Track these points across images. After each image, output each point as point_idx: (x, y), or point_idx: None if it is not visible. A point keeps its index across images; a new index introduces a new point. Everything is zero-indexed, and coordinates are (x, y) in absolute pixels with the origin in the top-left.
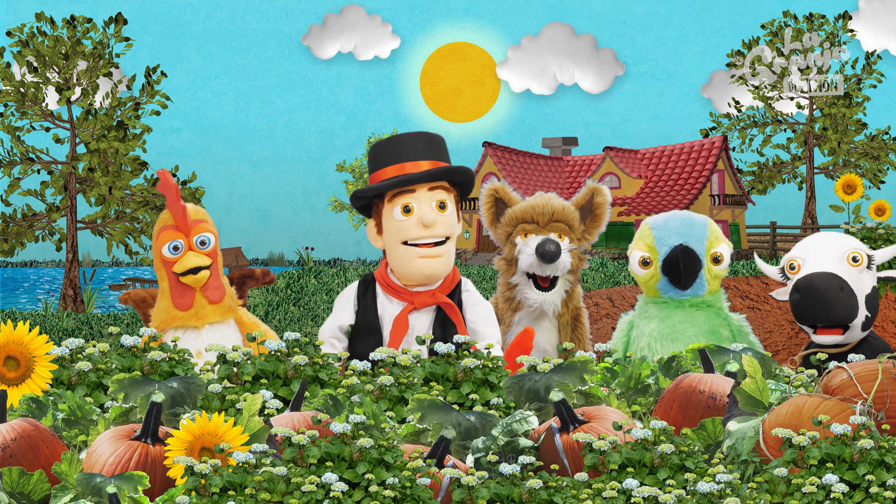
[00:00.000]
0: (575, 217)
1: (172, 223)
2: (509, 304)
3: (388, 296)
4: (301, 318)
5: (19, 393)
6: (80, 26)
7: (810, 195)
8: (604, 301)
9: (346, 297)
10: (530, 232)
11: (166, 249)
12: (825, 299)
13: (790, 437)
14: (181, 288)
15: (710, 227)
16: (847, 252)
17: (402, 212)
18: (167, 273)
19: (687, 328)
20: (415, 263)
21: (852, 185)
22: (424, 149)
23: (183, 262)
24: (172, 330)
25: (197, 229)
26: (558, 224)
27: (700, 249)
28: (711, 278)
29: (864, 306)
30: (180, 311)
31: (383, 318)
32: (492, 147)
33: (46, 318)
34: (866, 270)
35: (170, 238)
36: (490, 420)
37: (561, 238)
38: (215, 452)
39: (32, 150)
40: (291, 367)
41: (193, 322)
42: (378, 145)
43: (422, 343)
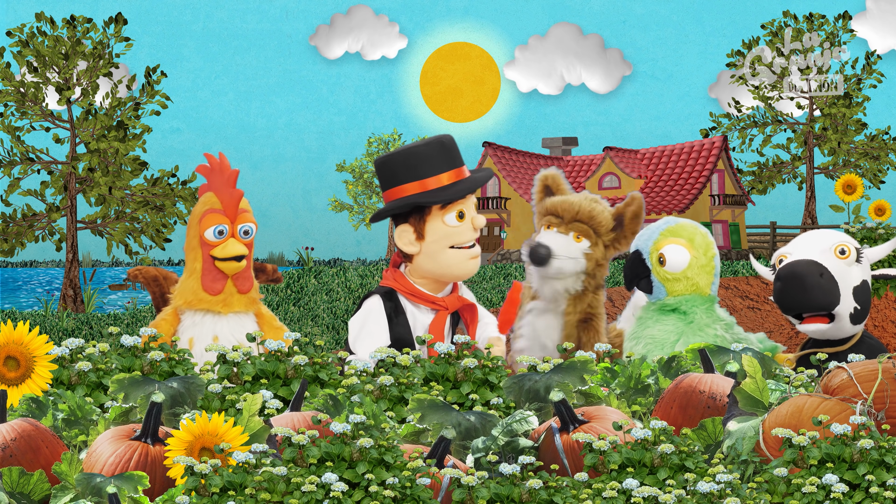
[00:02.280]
0: (601, 222)
1: (219, 207)
2: (529, 290)
3: (416, 305)
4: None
5: (19, 393)
6: (80, 26)
7: (810, 195)
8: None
9: (376, 316)
10: (553, 225)
11: (211, 232)
12: (804, 284)
13: (790, 437)
14: (214, 272)
15: (669, 228)
16: (834, 245)
17: (458, 217)
18: (203, 255)
19: (641, 329)
20: (466, 265)
21: (852, 185)
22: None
23: (227, 247)
24: (197, 312)
25: (242, 218)
26: (580, 225)
27: (646, 251)
28: (664, 280)
29: (852, 297)
30: (209, 294)
31: (415, 329)
32: (492, 147)
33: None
34: (856, 264)
35: (216, 221)
36: (490, 420)
37: (579, 239)
38: (215, 452)
39: (32, 150)
40: (291, 367)
41: (219, 307)
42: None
43: (422, 343)
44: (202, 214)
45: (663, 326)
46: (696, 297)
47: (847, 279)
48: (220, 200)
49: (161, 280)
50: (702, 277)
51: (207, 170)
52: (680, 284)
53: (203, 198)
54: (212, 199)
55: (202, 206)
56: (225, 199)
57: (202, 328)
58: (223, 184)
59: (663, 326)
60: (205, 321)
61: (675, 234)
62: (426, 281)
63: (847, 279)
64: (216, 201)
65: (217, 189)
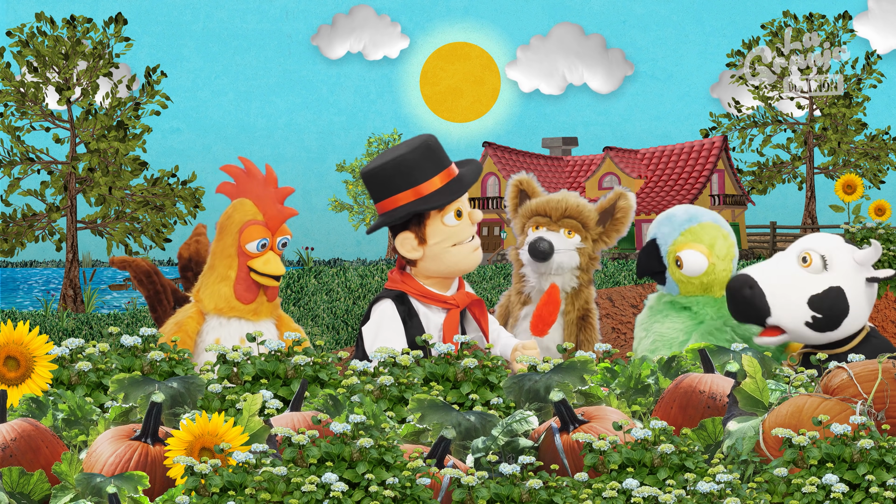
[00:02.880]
0: (590, 217)
1: (262, 219)
2: (519, 297)
3: (427, 306)
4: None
5: (19, 393)
6: (80, 26)
7: (810, 195)
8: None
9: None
10: (542, 225)
11: (254, 245)
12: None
13: (790, 437)
14: (248, 282)
15: (692, 229)
16: (800, 251)
17: (456, 216)
18: (240, 263)
19: (651, 323)
20: (470, 258)
21: (852, 185)
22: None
23: (269, 264)
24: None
25: (281, 230)
26: (570, 220)
27: (664, 247)
28: (678, 281)
29: (807, 306)
30: (242, 303)
31: (429, 330)
32: (492, 147)
33: (46, 318)
34: (824, 272)
35: (260, 235)
36: (490, 420)
37: (570, 235)
38: (215, 452)
39: (32, 150)
40: (291, 367)
41: (250, 316)
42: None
43: (423, 343)
44: (244, 224)
45: (673, 324)
46: (709, 299)
47: (800, 287)
48: (263, 212)
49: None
50: (717, 283)
51: (242, 174)
52: (693, 287)
53: (240, 205)
54: (252, 208)
55: (243, 215)
56: (272, 214)
57: (229, 329)
58: (272, 198)
59: (673, 324)
60: (231, 324)
61: (697, 239)
62: (433, 281)
63: (800, 287)
64: (257, 212)
65: (260, 200)
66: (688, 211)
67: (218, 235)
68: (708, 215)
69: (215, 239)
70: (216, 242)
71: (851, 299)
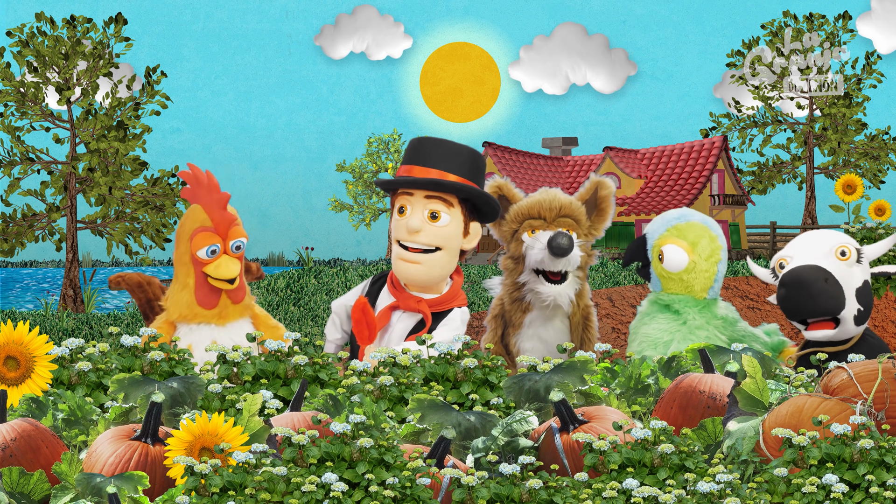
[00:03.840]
0: (582, 212)
1: (210, 225)
2: (518, 304)
3: (387, 290)
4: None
5: (19, 393)
6: (80, 26)
7: (810, 195)
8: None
9: (363, 283)
10: (537, 228)
11: (204, 252)
12: (810, 291)
13: (790, 437)
14: (207, 287)
15: (678, 226)
16: (835, 246)
17: (398, 212)
18: (196, 271)
19: (640, 326)
20: (397, 263)
21: (852, 185)
22: (443, 158)
23: (220, 268)
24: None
25: (232, 233)
26: (566, 219)
27: (651, 241)
28: (660, 276)
29: (855, 299)
30: (204, 308)
31: (377, 308)
32: (492, 147)
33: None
34: (857, 265)
35: (208, 242)
36: (490, 420)
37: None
38: (215, 452)
39: (32, 150)
40: (291, 367)
41: (216, 320)
42: (411, 142)
43: (422, 343)
44: (193, 232)
45: (657, 325)
46: (690, 299)
47: (849, 281)
48: (212, 219)
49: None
50: (698, 282)
51: (193, 180)
52: (674, 284)
53: (191, 212)
54: (202, 215)
55: (192, 223)
56: (216, 219)
57: (199, 335)
58: (214, 204)
59: (657, 325)
60: (201, 329)
61: (680, 235)
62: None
63: (849, 281)
64: (206, 218)
65: (207, 207)
66: (680, 211)
67: (175, 243)
68: (698, 216)
69: (175, 247)
70: (175, 251)
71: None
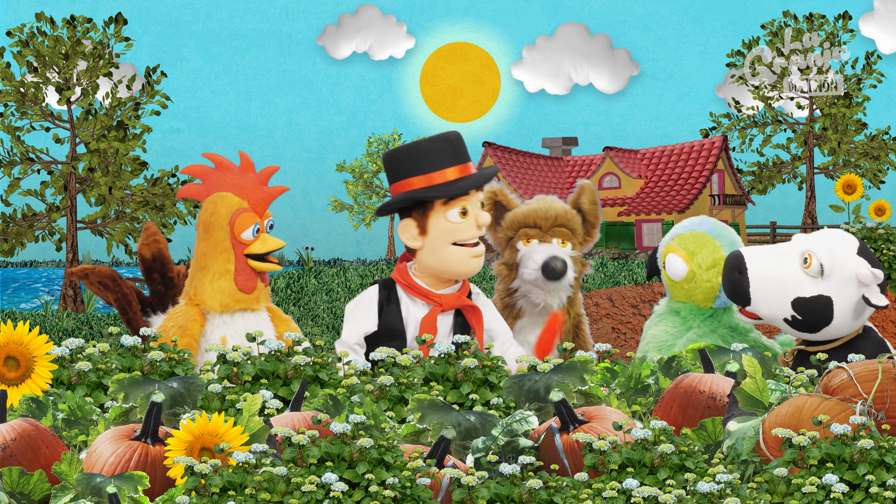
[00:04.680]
0: (577, 221)
1: (247, 206)
2: (510, 311)
3: (412, 298)
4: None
5: (19, 393)
6: (80, 26)
7: (810, 195)
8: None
9: (367, 302)
10: (532, 237)
11: (250, 232)
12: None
13: (790, 437)
14: (248, 271)
15: (682, 235)
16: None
17: (461, 214)
18: (236, 255)
19: (650, 327)
20: (467, 263)
21: (852, 185)
22: (464, 151)
23: (268, 243)
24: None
25: (266, 213)
26: (561, 229)
27: (659, 252)
28: (666, 283)
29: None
30: (245, 293)
31: (407, 322)
32: (492, 147)
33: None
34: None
35: (252, 221)
36: (490, 420)
37: (563, 243)
38: (215, 452)
39: (32, 150)
40: (291, 367)
41: (253, 305)
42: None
43: (422, 343)
44: (233, 215)
45: (665, 328)
46: (695, 308)
47: (790, 286)
48: (247, 199)
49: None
50: (699, 291)
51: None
52: (678, 292)
53: (221, 199)
54: (235, 199)
55: (226, 208)
56: (258, 198)
57: (233, 327)
58: (254, 182)
59: (665, 328)
60: (234, 320)
61: (681, 244)
62: (428, 276)
63: (790, 286)
64: (241, 201)
65: (241, 188)
66: (693, 220)
67: (204, 234)
68: (709, 226)
69: (201, 239)
70: (203, 241)
71: (839, 311)
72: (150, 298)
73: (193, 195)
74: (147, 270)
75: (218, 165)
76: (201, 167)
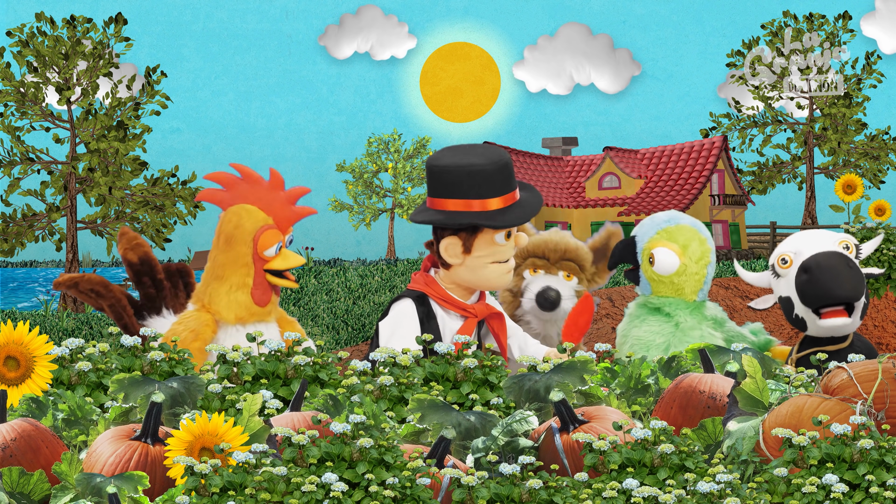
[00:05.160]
0: (587, 258)
1: (272, 223)
2: None
3: (447, 311)
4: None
5: (19, 393)
6: (80, 26)
7: (810, 195)
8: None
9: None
10: (539, 267)
11: (273, 250)
12: (837, 274)
13: (790, 437)
14: (265, 285)
15: (668, 229)
16: (838, 240)
17: (506, 237)
18: (256, 270)
19: (629, 329)
20: (504, 278)
21: (852, 185)
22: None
23: (289, 259)
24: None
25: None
26: (569, 263)
27: (641, 244)
28: (650, 279)
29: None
30: (260, 307)
31: (444, 335)
32: None
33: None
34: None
35: (276, 240)
36: (490, 420)
37: (569, 278)
38: (215, 452)
39: (32, 150)
40: (291, 367)
41: (266, 317)
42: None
43: (421, 344)
44: (258, 231)
45: (650, 328)
46: (680, 302)
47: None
48: (273, 216)
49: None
50: (688, 285)
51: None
52: (665, 287)
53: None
54: (261, 214)
55: (252, 223)
56: (284, 216)
57: (244, 337)
58: (282, 200)
59: (650, 328)
60: (247, 329)
61: (670, 238)
62: (457, 287)
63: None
64: (267, 217)
65: (268, 204)
66: (669, 214)
67: (225, 245)
68: (687, 219)
69: (221, 249)
70: (223, 252)
71: None
72: (142, 302)
73: (216, 201)
74: (136, 274)
75: (246, 177)
76: (227, 175)
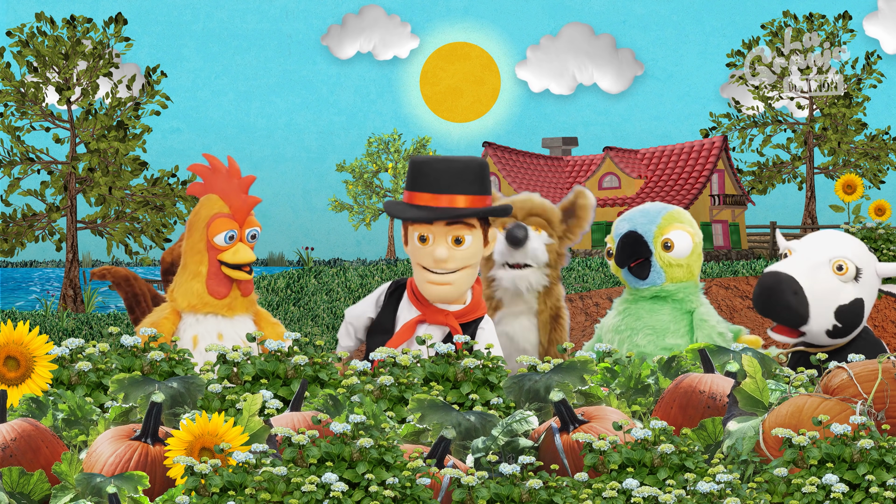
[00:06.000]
0: (554, 214)
1: (227, 211)
2: (489, 302)
3: (409, 302)
4: (301, 318)
5: (19, 393)
6: (80, 26)
7: (810, 195)
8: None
9: (376, 291)
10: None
11: (222, 238)
12: (776, 299)
13: (790, 437)
14: (220, 276)
15: (670, 214)
16: (833, 259)
17: (419, 240)
18: (210, 258)
19: (634, 321)
20: (425, 286)
21: (852, 185)
22: (454, 181)
23: (238, 253)
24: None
25: (249, 222)
26: (535, 218)
27: (648, 234)
28: (666, 266)
29: (833, 316)
30: (215, 298)
31: (398, 321)
32: (491, 147)
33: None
34: (853, 282)
35: (227, 227)
36: (490, 420)
37: (539, 231)
38: (215, 452)
39: (32, 150)
40: (291, 367)
41: (224, 311)
42: (417, 165)
43: (421, 343)
44: (210, 218)
45: (660, 316)
46: (691, 285)
47: (831, 297)
48: (229, 205)
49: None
50: (697, 264)
51: (208, 171)
52: (680, 271)
53: (207, 200)
54: (218, 202)
55: (208, 210)
56: (237, 205)
57: (206, 326)
58: (235, 188)
59: (660, 316)
60: (207, 320)
61: (678, 220)
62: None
63: (831, 297)
64: (223, 205)
65: (225, 193)
66: (652, 204)
67: (188, 233)
68: (671, 206)
69: (186, 237)
70: (186, 240)
71: (867, 310)
72: (163, 298)
73: (196, 193)
74: (164, 273)
75: (212, 167)
76: (202, 166)
